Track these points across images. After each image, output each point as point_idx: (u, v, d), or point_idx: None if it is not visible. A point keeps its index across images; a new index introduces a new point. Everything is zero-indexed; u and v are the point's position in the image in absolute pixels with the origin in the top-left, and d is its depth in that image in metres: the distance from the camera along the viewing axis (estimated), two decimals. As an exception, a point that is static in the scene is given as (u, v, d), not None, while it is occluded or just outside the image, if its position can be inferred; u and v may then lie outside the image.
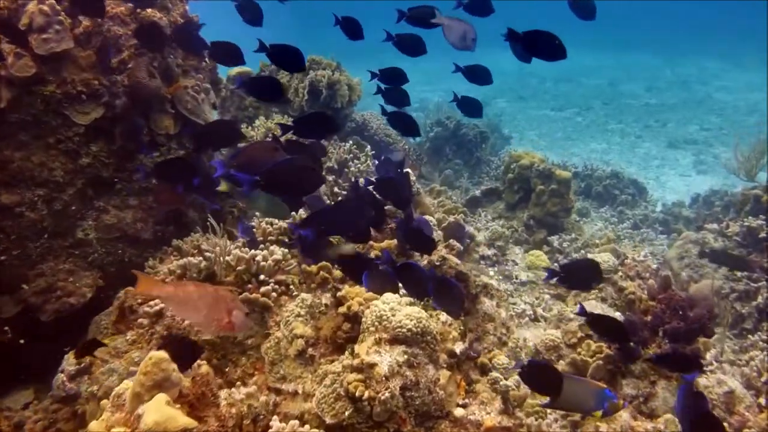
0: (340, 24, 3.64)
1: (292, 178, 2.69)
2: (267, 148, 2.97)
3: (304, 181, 2.74)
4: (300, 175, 2.71)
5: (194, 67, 4.32)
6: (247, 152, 2.96)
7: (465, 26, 3.46)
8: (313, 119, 3.36)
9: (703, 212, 7.81)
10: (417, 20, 3.48)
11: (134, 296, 3.38)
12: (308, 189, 2.86)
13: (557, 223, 5.80)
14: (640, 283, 4.31)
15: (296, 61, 3.23)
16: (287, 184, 2.72)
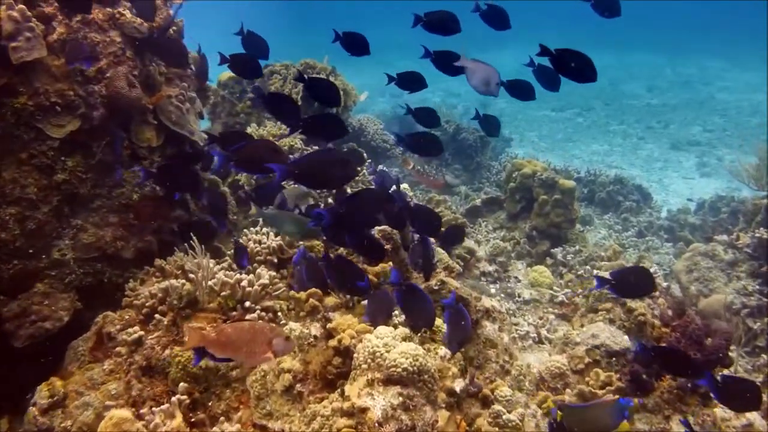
0: (340, 40, 3.46)
1: (324, 169, 2.65)
2: (268, 147, 2.86)
3: (336, 173, 2.69)
4: (332, 166, 2.67)
5: (179, 75, 4.09)
6: (247, 149, 2.84)
7: (488, 70, 3.39)
8: (320, 121, 3.21)
9: (710, 219, 7.60)
10: (434, 26, 3.35)
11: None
12: (340, 181, 2.81)
13: (561, 234, 5.57)
14: (649, 302, 4.09)
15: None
16: (319, 175, 2.68)
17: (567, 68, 2.86)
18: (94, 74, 3.50)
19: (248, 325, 2.22)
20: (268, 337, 2.19)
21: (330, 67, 6.17)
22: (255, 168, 2.96)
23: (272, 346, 2.18)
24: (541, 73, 3.30)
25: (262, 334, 2.18)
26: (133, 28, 3.63)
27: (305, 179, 2.72)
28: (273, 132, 5.57)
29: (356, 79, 18.65)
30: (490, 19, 3.42)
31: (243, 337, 2.17)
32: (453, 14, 3.31)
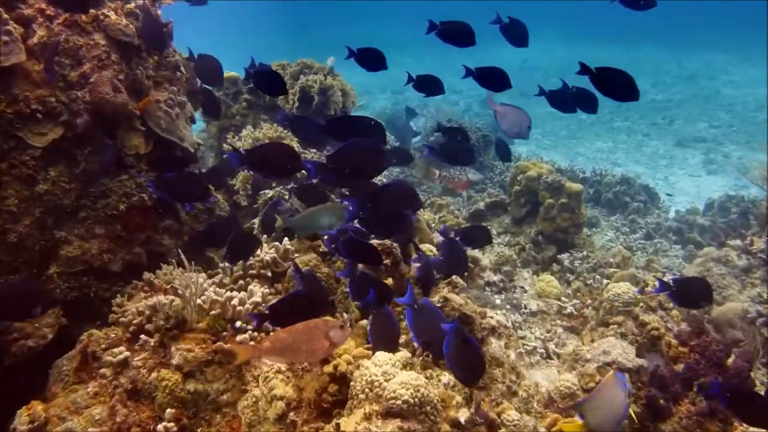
0: (355, 56, 3.36)
1: (357, 160, 2.62)
2: (283, 150, 2.81)
3: (370, 164, 2.67)
4: (366, 157, 2.64)
5: (168, 79, 3.90)
6: (261, 149, 2.84)
7: (519, 114, 3.58)
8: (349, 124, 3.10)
9: (719, 220, 7.41)
10: (448, 36, 3.27)
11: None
12: (373, 172, 2.78)
13: (567, 239, 5.38)
14: (662, 315, 3.91)
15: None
16: (352, 166, 2.64)
17: (608, 87, 2.81)
18: (76, 79, 3.31)
19: (302, 326, 2.23)
20: (324, 330, 2.23)
21: (328, 67, 5.98)
22: (270, 171, 2.94)
23: (330, 338, 2.22)
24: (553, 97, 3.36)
25: (318, 330, 2.22)
26: (119, 30, 3.44)
27: (339, 172, 2.68)
28: (269, 134, 5.39)
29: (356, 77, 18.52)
30: (510, 34, 3.39)
31: (301, 338, 2.20)
32: (469, 26, 3.22)
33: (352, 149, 2.66)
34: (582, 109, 3.27)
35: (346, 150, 2.65)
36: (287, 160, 2.71)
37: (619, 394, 2.47)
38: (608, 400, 2.50)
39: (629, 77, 2.76)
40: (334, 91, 5.66)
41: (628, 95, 2.79)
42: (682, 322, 3.99)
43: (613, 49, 23.05)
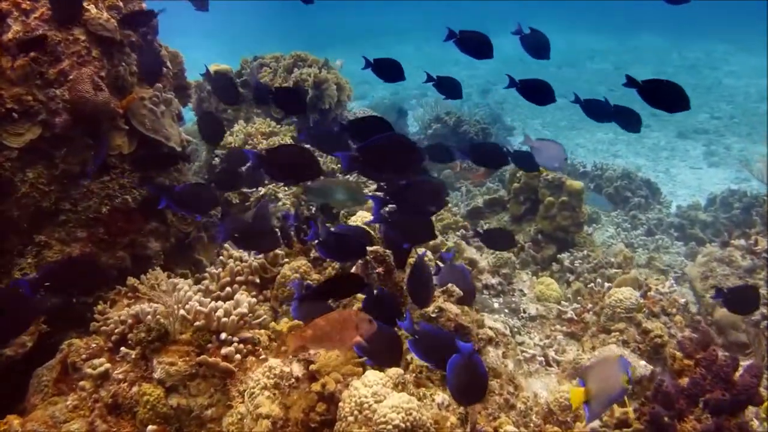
0: (372, 67, 3.28)
1: (390, 155, 2.54)
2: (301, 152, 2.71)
3: (405, 160, 2.58)
4: (400, 152, 2.55)
5: (153, 75, 3.75)
6: (279, 154, 2.69)
7: (554, 148, 3.58)
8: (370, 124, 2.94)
9: (721, 216, 7.27)
10: (466, 46, 3.16)
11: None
12: (409, 168, 2.66)
13: (568, 238, 5.24)
14: (665, 320, 3.78)
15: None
16: (385, 161, 2.56)
17: (656, 99, 2.81)
18: (55, 77, 3.16)
19: (336, 315, 2.31)
20: (354, 321, 2.27)
21: (322, 60, 5.82)
22: (286, 176, 2.86)
23: (358, 329, 2.26)
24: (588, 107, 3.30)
25: (350, 320, 2.27)
26: (100, 25, 3.28)
27: (372, 166, 2.61)
28: (262, 129, 5.24)
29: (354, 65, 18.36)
30: (530, 45, 3.30)
31: (335, 327, 2.25)
32: (488, 38, 3.13)
33: (385, 143, 2.56)
34: (624, 126, 3.31)
35: (380, 143, 2.55)
36: (307, 164, 2.64)
37: (618, 375, 2.46)
38: (607, 376, 2.48)
39: (678, 87, 2.76)
40: (329, 84, 5.51)
41: (679, 105, 2.79)
42: (686, 328, 3.86)
43: (612, 39, 22.86)
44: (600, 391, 2.50)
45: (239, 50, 4.58)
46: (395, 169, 2.65)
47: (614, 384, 2.43)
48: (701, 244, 6.89)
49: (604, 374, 2.48)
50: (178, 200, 3.17)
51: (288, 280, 3.14)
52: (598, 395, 2.50)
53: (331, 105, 5.54)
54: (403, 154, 2.54)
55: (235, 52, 4.60)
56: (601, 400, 2.50)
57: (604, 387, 2.47)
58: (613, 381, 2.44)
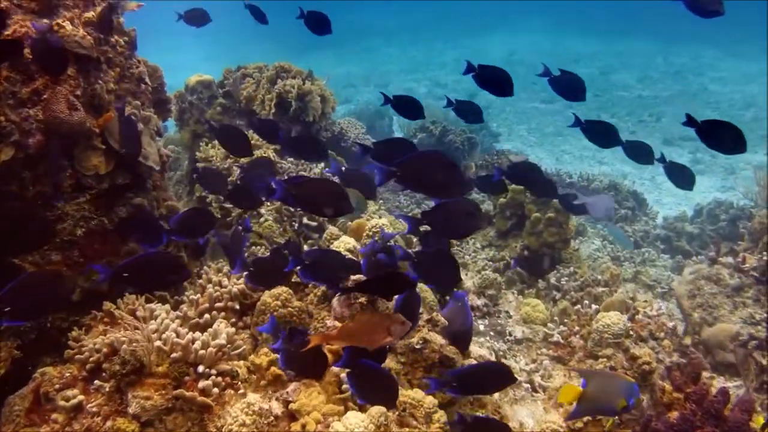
0: (391, 103, 3.36)
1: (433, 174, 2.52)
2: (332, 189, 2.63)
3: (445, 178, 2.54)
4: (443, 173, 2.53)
5: (131, 92, 3.65)
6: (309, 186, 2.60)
7: (606, 201, 3.86)
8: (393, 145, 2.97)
9: (708, 227, 7.25)
10: (485, 82, 3.10)
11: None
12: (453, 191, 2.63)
13: (554, 255, 5.18)
14: (653, 345, 3.72)
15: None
16: (425, 178, 2.53)
17: (715, 140, 2.86)
18: (28, 96, 3.05)
19: (366, 318, 2.42)
20: (386, 325, 2.35)
21: (306, 71, 5.73)
22: (314, 208, 2.76)
23: (390, 331, 2.34)
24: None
25: (381, 324, 2.35)
26: (75, 42, 3.18)
27: (409, 181, 2.57)
28: (245, 142, 5.14)
29: (340, 67, 18.28)
30: (561, 88, 3.26)
31: (364, 329, 2.34)
32: (508, 75, 3.06)
33: (424, 160, 2.55)
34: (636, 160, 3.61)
35: (418, 159, 2.54)
36: (335, 198, 2.55)
37: (618, 395, 2.50)
38: (609, 391, 2.52)
39: (737, 130, 2.79)
40: (313, 96, 5.42)
41: (737, 148, 2.81)
42: (674, 353, 3.81)
43: (598, 43, 22.88)
44: (594, 399, 2.54)
45: (227, 51, 4.55)
46: (434, 188, 2.64)
47: (610, 400, 2.50)
48: (688, 256, 6.86)
49: (607, 387, 2.54)
50: (179, 230, 3.15)
51: (269, 308, 3.04)
52: (591, 401, 2.53)
53: (315, 117, 5.45)
54: (444, 172, 2.52)
55: (223, 53, 4.57)
56: (590, 406, 2.58)
57: (600, 397, 2.53)
58: (612, 398, 2.50)
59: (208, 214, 3.33)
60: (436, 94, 16.49)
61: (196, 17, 4.56)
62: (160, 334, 2.88)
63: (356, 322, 2.38)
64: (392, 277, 2.59)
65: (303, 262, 2.74)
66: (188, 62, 20.04)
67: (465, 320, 3.04)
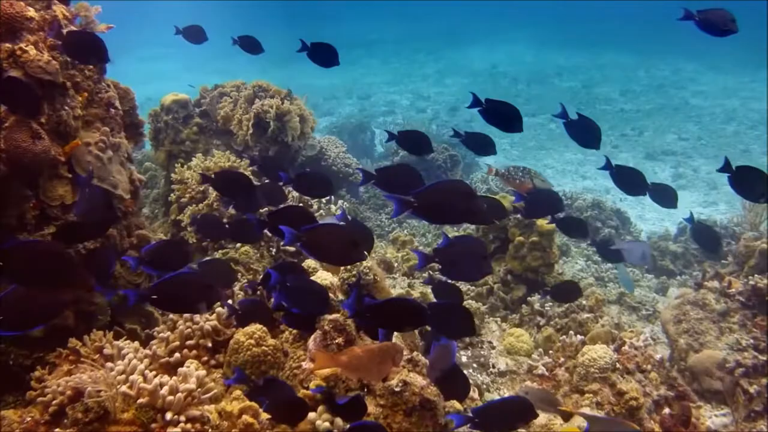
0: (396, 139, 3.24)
1: (452, 205, 2.47)
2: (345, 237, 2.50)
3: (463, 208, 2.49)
4: (457, 198, 2.47)
5: (100, 117, 3.50)
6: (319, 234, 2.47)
7: (642, 247, 3.82)
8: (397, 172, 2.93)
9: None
10: (491, 116, 3.01)
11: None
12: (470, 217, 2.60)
13: (538, 279, 5.07)
14: (641, 378, 3.62)
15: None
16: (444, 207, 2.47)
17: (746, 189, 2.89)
18: (-12, 125, 2.91)
19: (377, 348, 2.36)
20: (392, 354, 2.34)
21: (285, 91, 5.60)
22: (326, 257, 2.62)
23: (395, 362, 2.35)
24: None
25: (388, 353, 2.34)
26: (39, 68, 3.04)
27: (427, 212, 2.49)
28: (221, 163, 5.01)
29: (322, 79, 18.13)
30: (577, 132, 3.17)
31: (374, 359, 2.30)
32: (517, 111, 2.97)
33: (443, 190, 2.49)
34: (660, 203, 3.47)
35: (436, 189, 2.47)
36: (347, 247, 2.44)
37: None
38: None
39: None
40: (292, 116, 5.29)
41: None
42: (662, 386, 3.71)
43: (580, 55, 22.94)
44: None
45: (207, 60, 4.49)
46: (453, 218, 2.61)
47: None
48: (672, 276, 6.80)
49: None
50: (150, 262, 2.95)
51: (242, 346, 2.91)
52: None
53: (294, 137, 5.32)
54: (463, 202, 2.46)
55: (203, 62, 4.51)
56: None
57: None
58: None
59: (184, 246, 3.18)
60: (419, 107, 16.43)
61: (193, 34, 4.53)
62: (127, 375, 2.73)
63: (366, 351, 2.32)
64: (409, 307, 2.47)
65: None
66: (169, 72, 19.88)
67: (449, 360, 2.92)
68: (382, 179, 2.82)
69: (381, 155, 10.88)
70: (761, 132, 13.68)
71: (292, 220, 2.61)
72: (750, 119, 14.58)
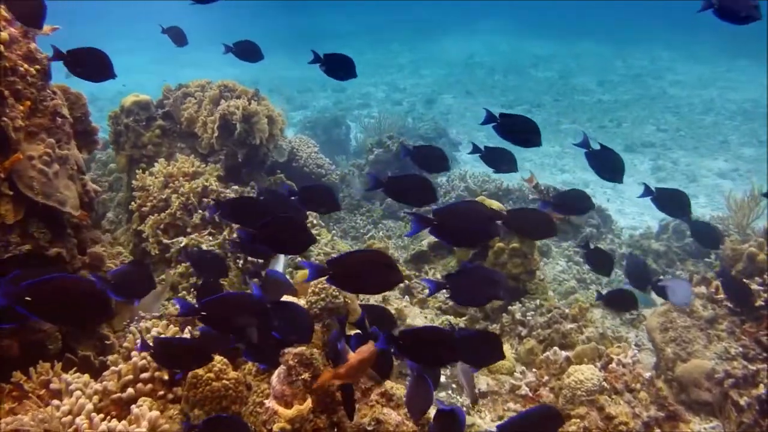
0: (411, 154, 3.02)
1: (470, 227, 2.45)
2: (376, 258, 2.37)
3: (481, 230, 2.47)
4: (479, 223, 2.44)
5: (45, 128, 3.21)
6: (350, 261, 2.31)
7: (685, 287, 3.78)
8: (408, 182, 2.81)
9: (674, 245, 7.03)
10: (506, 131, 2.86)
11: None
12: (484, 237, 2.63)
13: (519, 287, 4.86)
14: (630, 399, 3.42)
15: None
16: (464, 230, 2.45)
17: None
18: None
19: (365, 349, 2.34)
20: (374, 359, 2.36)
21: (252, 90, 5.32)
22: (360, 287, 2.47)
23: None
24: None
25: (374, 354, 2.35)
26: (-28, 76, 2.76)
27: (445, 233, 2.44)
28: (185, 168, 4.74)
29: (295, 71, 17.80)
30: (598, 163, 3.09)
31: (366, 362, 2.33)
32: (534, 125, 2.86)
33: (463, 211, 2.46)
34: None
35: (456, 210, 2.47)
36: (383, 272, 2.25)
37: None
38: None
39: None
40: (259, 117, 5.02)
41: None
42: (652, 406, 3.52)
43: (556, 45, 22.80)
44: None
45: (176, 53, 4.33)
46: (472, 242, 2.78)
47: None
48: (655, 275, 6.63)
49: None
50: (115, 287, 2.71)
51: (201, 380, 2.66)
52: None
53: (262, 140, 5.05)
54: (481, 225, 2.42)
55: (172, 56, 4.36)
56: None
57: None
58: None
59: (147, 271, 2.90)
60: (395, 99, 16.17)
61: (175, 36, 4.57)
62: (74, 417, 2.49)
63: (355, 360, 2.30)
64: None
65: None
66: (136, 65, 19.39)
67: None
68: (391, 188, 2.74)
69: (356, 150, 10.63)
70: (739, 122, 13.62)
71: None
72: (727, 110, 14.51)
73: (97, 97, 14.66)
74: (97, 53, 2.94)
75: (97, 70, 2.96)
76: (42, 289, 1.94)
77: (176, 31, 4.64)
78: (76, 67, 2.90)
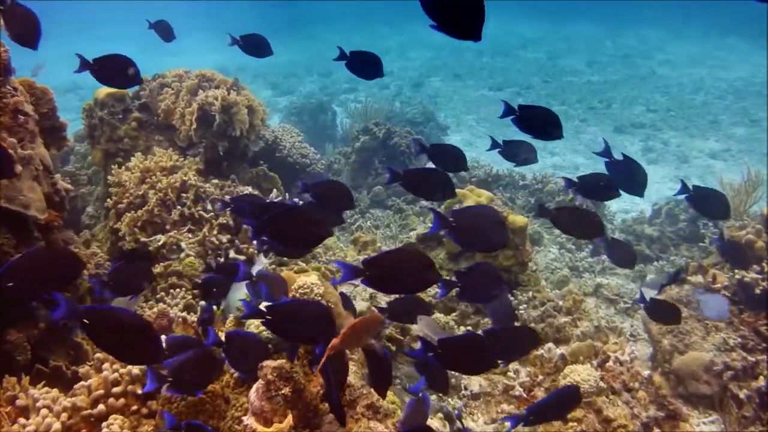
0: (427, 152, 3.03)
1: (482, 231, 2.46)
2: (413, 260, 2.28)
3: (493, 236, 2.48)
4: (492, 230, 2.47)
5: (5, 126, 3.03)
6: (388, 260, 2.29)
7: (720, 302, 3.94)
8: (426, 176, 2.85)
9: (667, 229, 6.91)
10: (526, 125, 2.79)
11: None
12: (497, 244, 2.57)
13: (511, 279, 4.71)
14: (628, 399, 3.28)
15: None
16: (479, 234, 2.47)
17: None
18: None
19: (359, 322, 2.26)
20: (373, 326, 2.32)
21: (231, 80, 5.12)
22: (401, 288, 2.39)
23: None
24: None
25: (372, 325, 2.31)
26: None
27: (461, 234, 2.45)
28: (162, 163, 4.55)
29: (281, 56, 17.52)
30: (622, 177, 3.00)
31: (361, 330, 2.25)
32: (555, 116, 2.77)
33: (475, 216, 2.49)
34: None
35: (470, 213, 2.50)
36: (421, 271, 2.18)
37: None
38: None
39: None
40: (239, 108, 4.82)
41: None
42: (651, 406, 3.39)
43: (545, 26, 22.60)
44: None
45: (161, 42, 4.16)
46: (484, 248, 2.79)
47: None
48: (649, 262, 6.52)
49: None
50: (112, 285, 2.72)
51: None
52: None
53: (242, 131, 4.86)
54: (493, 230, 2.45)
55: (158, 44, 4.22)
56: None
57: None
58: None
59: (145, 267, 2.82)
60: (382, 83, 15.93)
61: (162, 30, 4.49)
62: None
63: (351, 328, 2.22)
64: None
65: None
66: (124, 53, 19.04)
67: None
68: (409, 182, 2.77)
69: (342, 136, 10.43)
70: (729, 102, 13.49)
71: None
72: (717, 89, 14.39)
73: (79, 86, 14.39)
74: (122, 60, 2.89)
75: (124, 76, 2.91)
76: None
77: (164, 25, 4.49)
78: (102, 76, 2.82)
